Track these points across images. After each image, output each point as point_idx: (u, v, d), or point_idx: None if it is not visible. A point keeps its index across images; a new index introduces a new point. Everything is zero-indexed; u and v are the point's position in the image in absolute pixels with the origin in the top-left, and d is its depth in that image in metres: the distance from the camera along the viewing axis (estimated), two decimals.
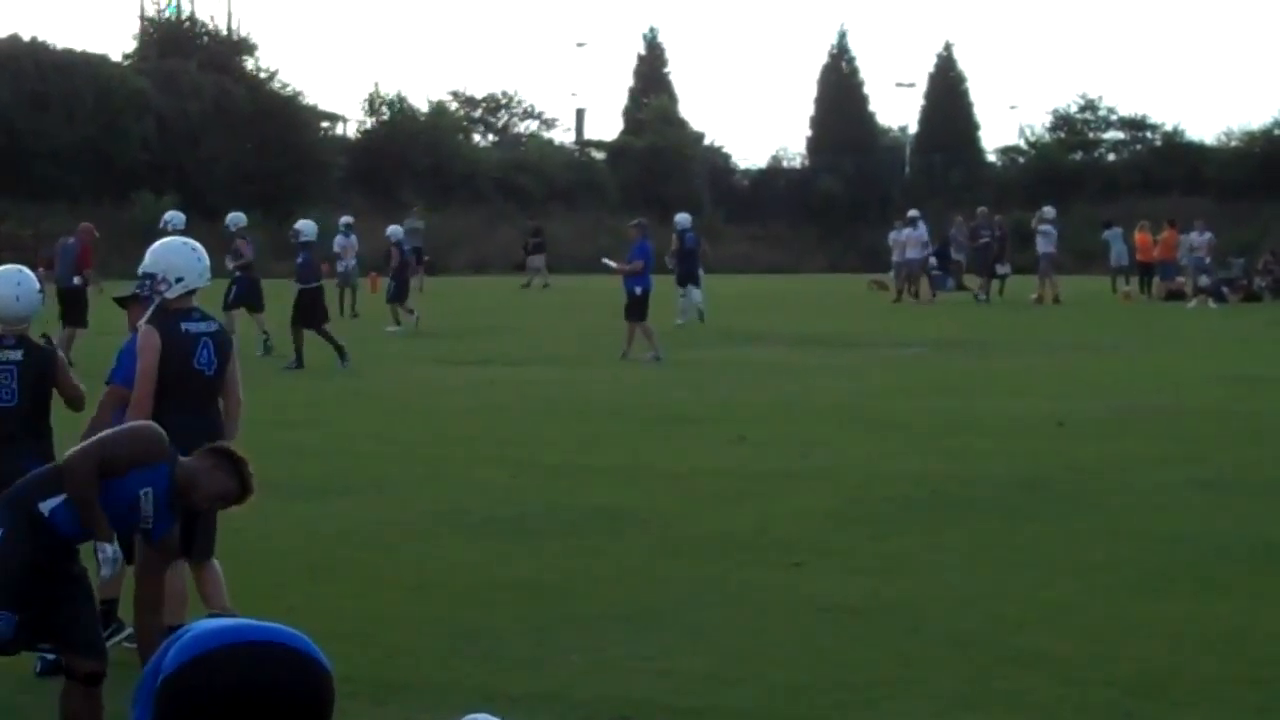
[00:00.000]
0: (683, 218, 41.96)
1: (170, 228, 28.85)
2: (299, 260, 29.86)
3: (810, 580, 12.81)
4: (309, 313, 28.71)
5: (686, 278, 40.73)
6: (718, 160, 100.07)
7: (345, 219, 46.56)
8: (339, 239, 44.25)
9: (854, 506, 15.91)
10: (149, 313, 10.44)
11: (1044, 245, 50.14)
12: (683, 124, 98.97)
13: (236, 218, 33.25)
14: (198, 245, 10.62)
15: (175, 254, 10.44)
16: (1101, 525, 15.00)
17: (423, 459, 18.74)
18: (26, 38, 76.54)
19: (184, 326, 10.27)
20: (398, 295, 38.92)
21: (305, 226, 30.90)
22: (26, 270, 10.97)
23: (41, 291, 10.88)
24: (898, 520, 15.28)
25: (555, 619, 11.58)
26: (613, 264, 33.74)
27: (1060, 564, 13.38)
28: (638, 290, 30.44)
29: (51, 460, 8.97)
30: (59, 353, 11.07)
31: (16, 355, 10.55)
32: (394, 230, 40.48)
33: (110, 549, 8.12)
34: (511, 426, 21.66)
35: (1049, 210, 52.18)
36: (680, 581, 12.77)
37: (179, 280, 10.31)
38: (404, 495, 16.37)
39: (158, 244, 10.70)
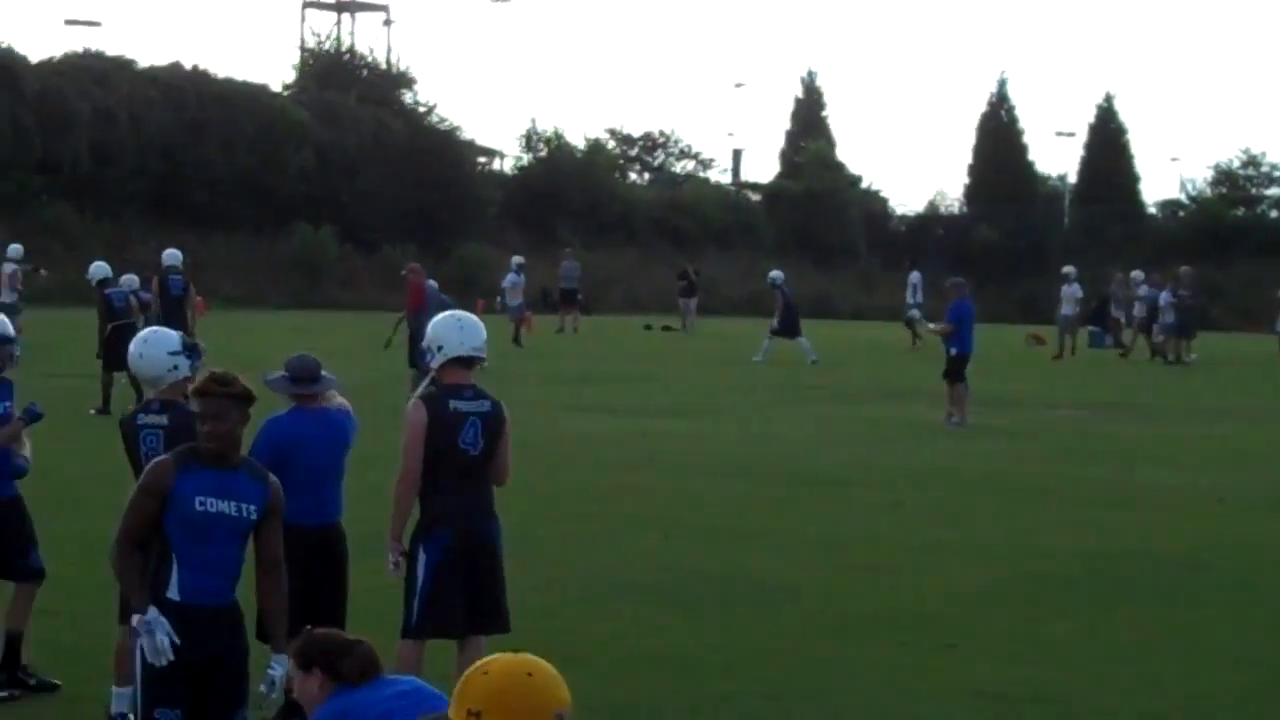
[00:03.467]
0: (776, 274, 44.16)
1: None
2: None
3: (962, 664, 12.63)
4: None
5: (789, 329, 42.10)
6: (874, 205, 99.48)
7: (517, 259, 49.09)
8: (510, 277, 46.82)
9: (1008, 585, 15.68)
10: (421, 386, 10.46)
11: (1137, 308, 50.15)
12: (840, 167, 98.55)
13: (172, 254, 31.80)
14: (465, 315, 10.48)
15: (439, 323, 10.33)
16: (1268, 614, 14.65)
17: (572, 516, 18.67)
18: (188, 66, 77.51)
19: (452, 403, 10.13)
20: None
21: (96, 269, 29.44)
22: (165, 331, 10.74)
23: (188, 354, 10.20)
24: (1052, 601, 15.05)
25: (707, 697, 11.48)
26: (932, 326, 33.57)
27: (1223, 655, 13.09)
28: (952, 351, 29.86)
29: None
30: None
31: (163, 419, 9.95)
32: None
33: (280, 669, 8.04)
34: (662, 483, 21.55)
35: (1138, 274, 52.17)
36: (833, 661, 12.63)
37: (440, 349, 10.21)
38: (552, 556, 16.25)
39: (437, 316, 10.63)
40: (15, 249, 40.26)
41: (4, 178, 65.99)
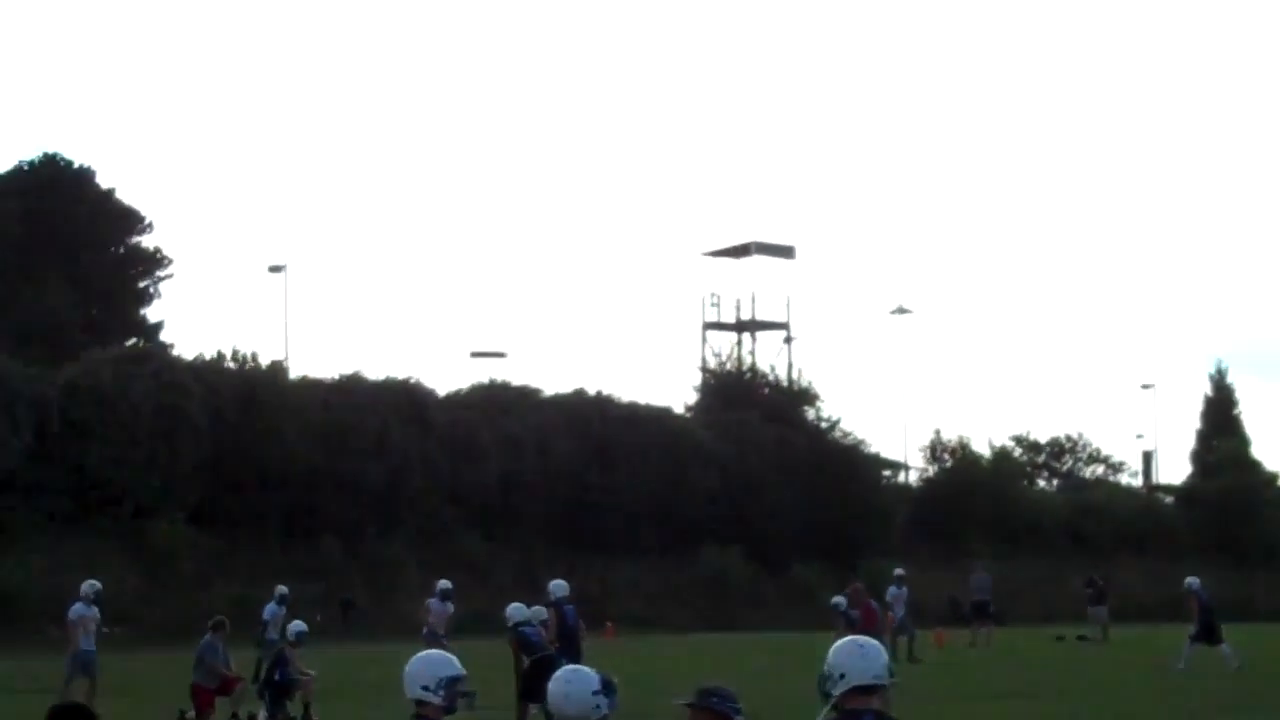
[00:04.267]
0: (1191, 580, 42.66)
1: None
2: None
3: None
4: None
5: (1208, 635, 40.56)
6: None
7: (898, 571, 48.28)
8: (891, 589, 45.91)
9: None
10: (822, 715, 10.06)
11: None
12: (1255, 465, 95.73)
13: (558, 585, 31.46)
14: (867, 641, 9.99)
15: (840, 650, 9.83)
16: None
17: None
18: (591, 392, 78.74)
19: None
20: None
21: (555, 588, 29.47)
22: (585, 670, 10.50)
23: (606, 692, 10.06)
24: None
25: None
26: None
27: None
28: None
29: None
30: None
31: None
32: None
33: None
34: None
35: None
36: None
37: (841, 676, 9.78)
38: None
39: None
40: (442, 584, 40.35)
41: (415, 510, 67.37)
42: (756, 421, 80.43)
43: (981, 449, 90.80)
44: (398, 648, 37.82)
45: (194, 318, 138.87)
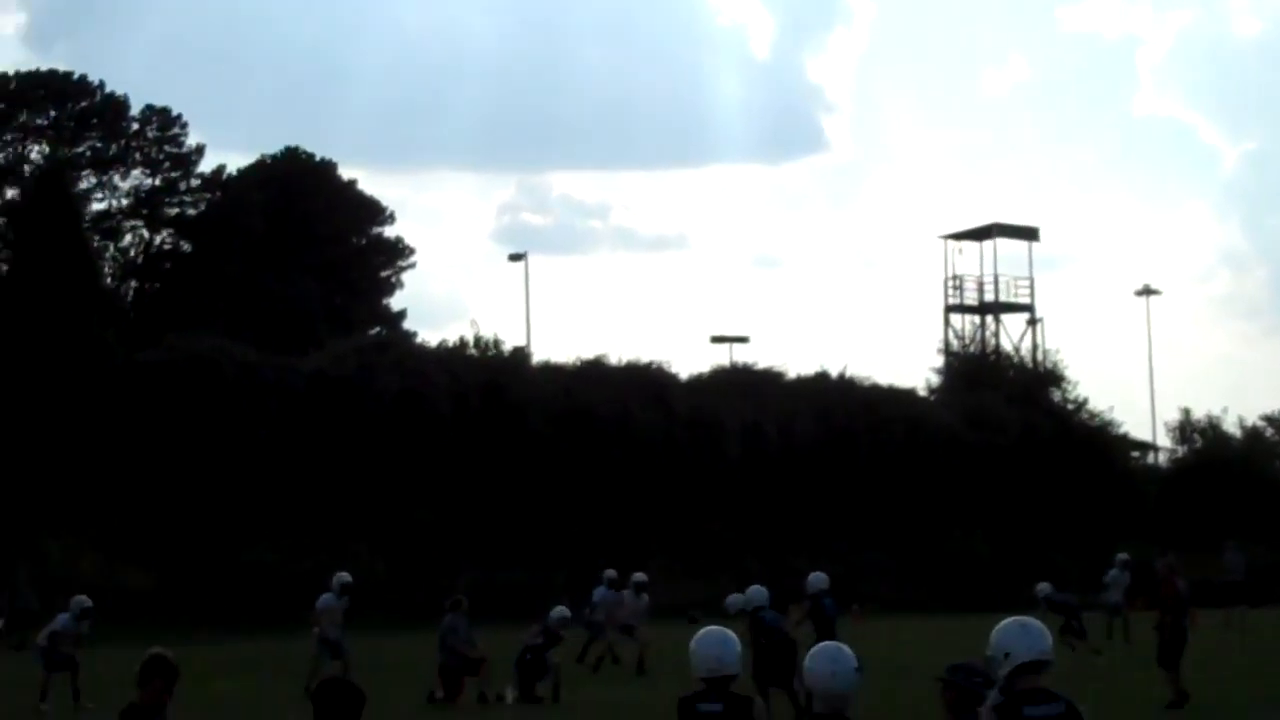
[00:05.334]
0: None
1: None
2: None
3: None
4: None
5: None
6: None
7: (1122, 556, 47.00)
8: (1111, 573, 45.88)
9: None
10: (990, 695, 10.05)
11: None
12: None
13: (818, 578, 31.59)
14: (1029, 621, 10.09)
15: (1002, 630, 10.02)
16: None
17: None
18: (834, 375, 78.25)
19: (1026, 711, 9.71)
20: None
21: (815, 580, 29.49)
22: (845, 648, 10.40)
23: (860, 670, 10.38)
24: None
25: None
26: None
27: None
28: None
29: None
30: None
31: None
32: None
33: None
34: None
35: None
36: None
37: (1006, 656, 9.85)
38: None
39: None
40: (637, 577, 39.88)
41: (658, 493, 67.34)
42: (1001, 404, 79.49)
43: (1232, 429, 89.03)
44: (644, 628, 37.77)
45: (437, 307, 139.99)
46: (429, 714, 29.45)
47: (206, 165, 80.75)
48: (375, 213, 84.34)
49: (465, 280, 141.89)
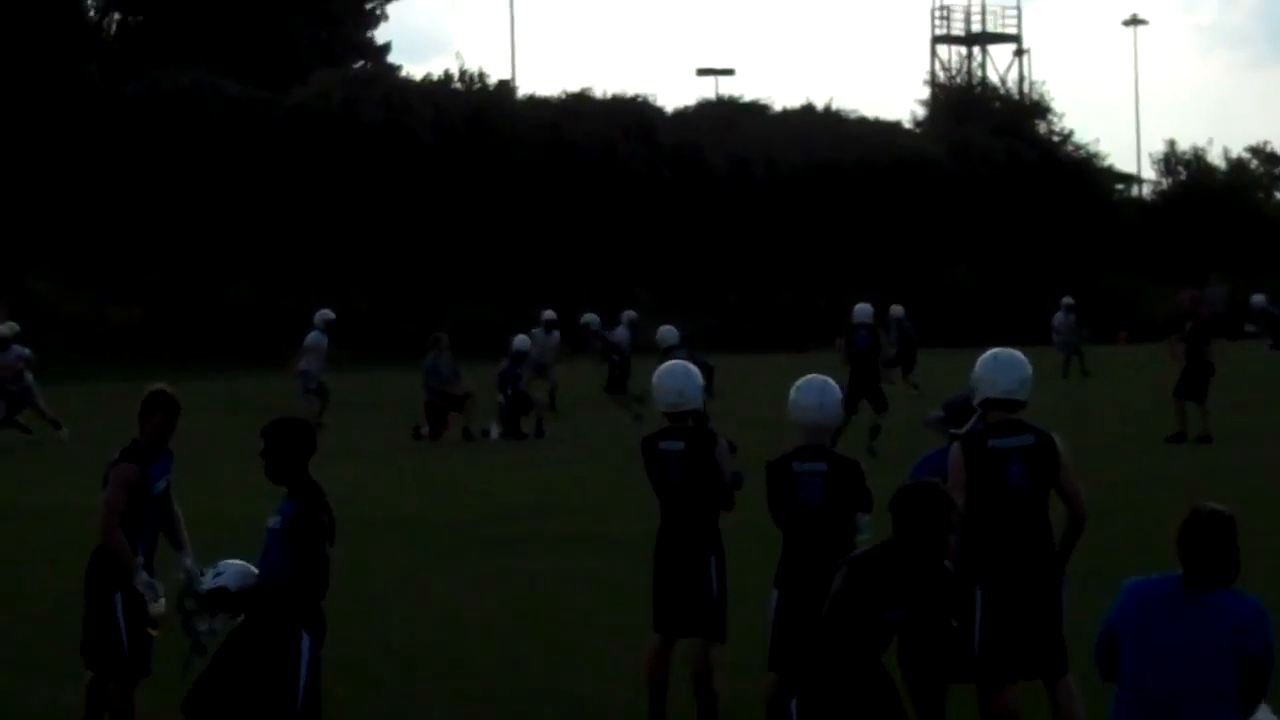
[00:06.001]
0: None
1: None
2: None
3: None
4: None
5: None
6: None
7: (1067, 300, 47.00)
8: (1057, 316, 46.34)
9: None
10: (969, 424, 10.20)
11: None
12: None
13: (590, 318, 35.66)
14: (1002, 355, 10.17)
15: (979, 363, 10.18)
16: None
17: None
18: (819, 107, 78.00)
19: (990, 443, 9.84)
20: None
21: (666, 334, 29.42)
22: (830, 380, 10.53)
23: (844, 403, 10.58)
24: None
25: None
26: None
27: None
28: None
29: None
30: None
31: (820, 466, 10.25)
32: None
33: None
34: None
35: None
36: None
37: (976, 389, 10.08)
38: None
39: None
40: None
41: (642, 228, 67.40)
42: (986, 135, 79.30)
43: (1217, 161, 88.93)
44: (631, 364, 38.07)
45: (423, 38, 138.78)
46: (414, 450, 29.83)
47: None
48: None
49: (450, 12, 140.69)
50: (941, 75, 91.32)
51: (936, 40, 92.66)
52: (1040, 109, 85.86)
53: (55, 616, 13.58)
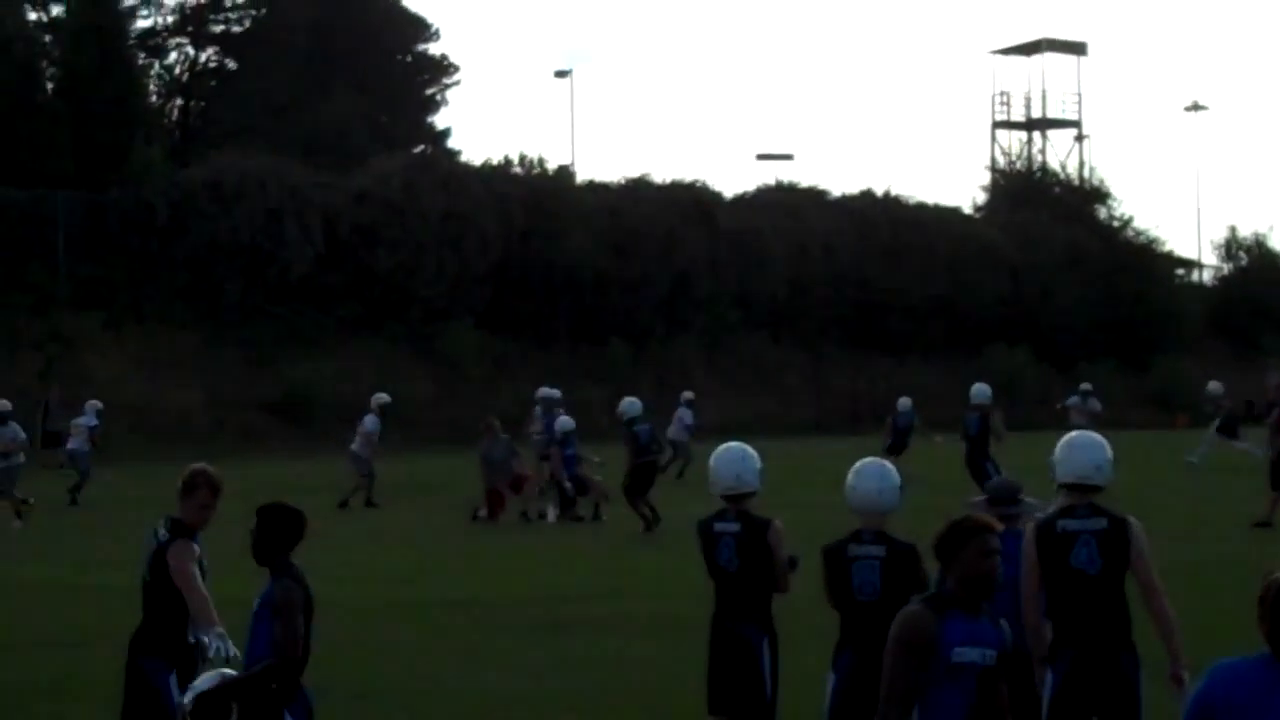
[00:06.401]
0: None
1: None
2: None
3: None
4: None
5: None
6: None
7: (1085, 386, 46.58)
8: (1073, 399, 45.85)
9: None
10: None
11: None
12: None
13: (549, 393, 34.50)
14: (1078, 439, 10.16)
15: (1059, 445, 10.12)
16: None
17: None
18: (879, 193, 78.06)
19: (1060, 524, 9.83)
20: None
21: (627, 406, 30.67)
22: (889, 464, 10.42)
23: (902, 488, 10.35)
24: None
25: None
26: None
27: None
28: None
29: None
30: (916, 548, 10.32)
31: (878, 551, 10.16)
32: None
33: None
34: None
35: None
36: None
37: (1054, 471, 10.01)
38: None
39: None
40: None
41: (704, 311, 67.54)
42: (1046, 221, 79.24)
43: (1278, 246, 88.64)
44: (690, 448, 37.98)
45: (482, 124, 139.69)
46: (472, 532, 29.81)
47: None
48: (420, 29, 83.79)
49: (510, 98, 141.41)
50: (1002, 160, 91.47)
51: (997, 125, 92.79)
52: (1100, 194, 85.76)
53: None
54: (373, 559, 25.06)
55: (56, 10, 69.17)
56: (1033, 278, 75.75)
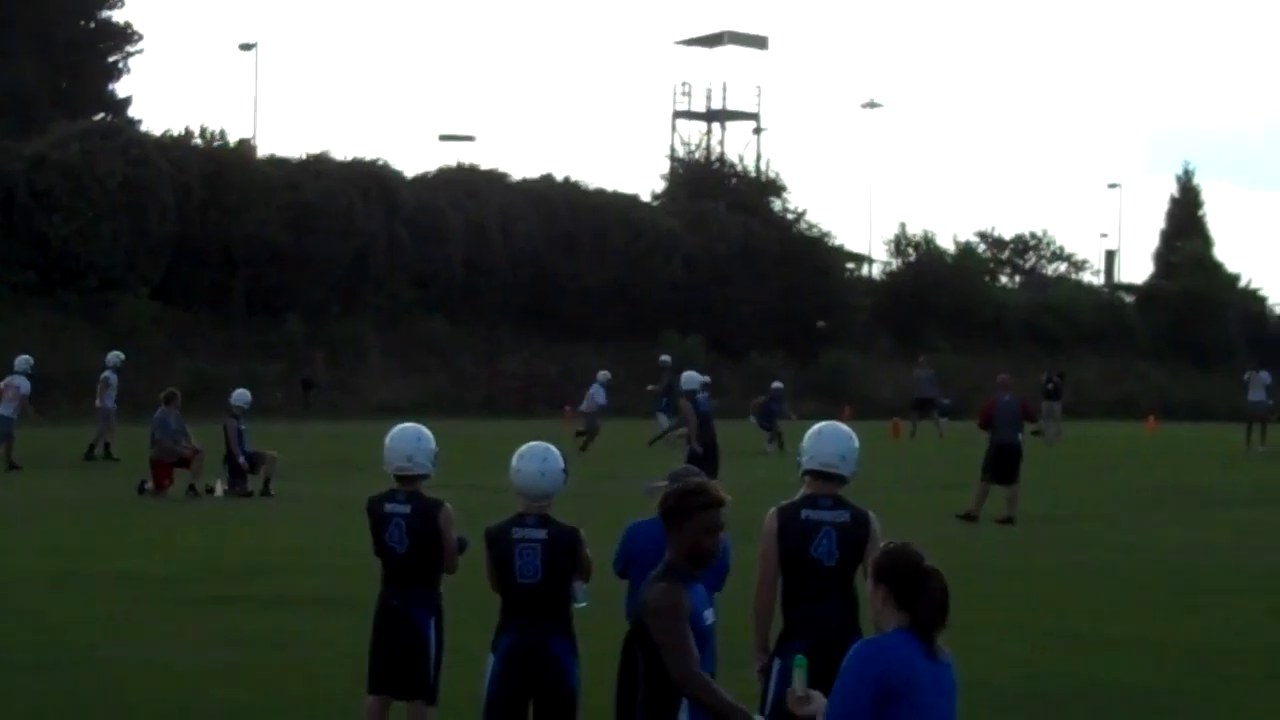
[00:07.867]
0: None
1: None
2: None
3: None
4: None
5: None
6: (1252, 305, 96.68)
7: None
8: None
9: None
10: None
11: None
12: (1217, 267, 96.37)
13: None
14: (826, 428, 10.23)
15: (806, 435, 10.21)
16: None
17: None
18: (559, 178, 78.62)
19: (804, 513, 9.95)
20: None
21: (687, 380, 30.39)
22: (553, 448, 10.52)
23: (565, 471, 10.41)
24: None
25: None
26: None
27: None
28: None
29: None
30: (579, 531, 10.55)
31: (539, 534, 10.17)
32: None
33: None
34: (1040, 588, 20.78)
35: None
36: None
37: (800, 458, 10.12)
38: None
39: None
40: None
41: (380, 292, 67.56)
42: (723, 211, 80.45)
43: (946, 244, 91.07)
44: (358, 426, 38.17)
45: (163, 94, 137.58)
46: (138, 505, 29.61)
47: None
48: None
49: (193, 68, 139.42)
50: (681, 150, 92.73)
51: (678, 115, 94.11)
52: (775, 187, 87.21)
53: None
54: (29, 529, 24.85)
55: None
56: (708, 267, 76.95)
